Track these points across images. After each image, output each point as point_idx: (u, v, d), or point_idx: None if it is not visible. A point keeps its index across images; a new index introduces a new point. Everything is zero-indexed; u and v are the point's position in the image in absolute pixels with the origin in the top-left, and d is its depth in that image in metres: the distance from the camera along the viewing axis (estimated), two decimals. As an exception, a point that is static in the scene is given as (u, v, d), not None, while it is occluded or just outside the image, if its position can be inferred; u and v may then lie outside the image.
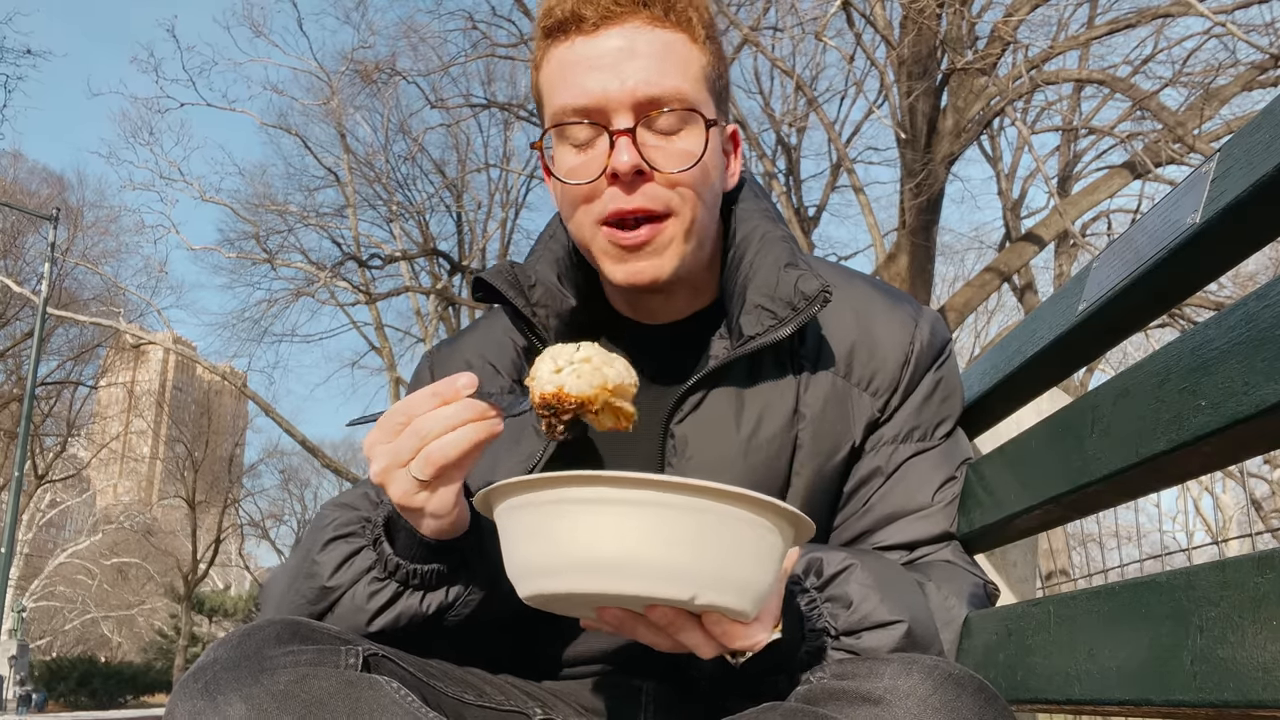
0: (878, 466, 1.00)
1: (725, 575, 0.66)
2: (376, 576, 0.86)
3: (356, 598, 0.86)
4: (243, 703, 0.67)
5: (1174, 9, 8.55)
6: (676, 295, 1.03)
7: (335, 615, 0.87)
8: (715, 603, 0.66)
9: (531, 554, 0.68)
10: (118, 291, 20.96)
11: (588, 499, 0.64)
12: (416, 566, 0.86)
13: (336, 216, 17.95)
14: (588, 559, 0.65)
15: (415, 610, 0.87)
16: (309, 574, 0.88)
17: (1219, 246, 0.76)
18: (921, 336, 1.02)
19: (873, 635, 0.81)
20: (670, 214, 0.93)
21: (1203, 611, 0.59)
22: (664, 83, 0.91)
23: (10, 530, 15.07)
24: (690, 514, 0.64)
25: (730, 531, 0.65)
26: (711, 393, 0.96)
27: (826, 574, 0.84)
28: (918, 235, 9.39)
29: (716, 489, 0.64)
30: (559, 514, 0.65)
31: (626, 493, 0.64)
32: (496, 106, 15.57)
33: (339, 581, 0.87)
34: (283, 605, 0.90)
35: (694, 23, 0.94)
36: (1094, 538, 20.38)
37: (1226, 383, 0.63)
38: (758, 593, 0.69)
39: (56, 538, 41.42)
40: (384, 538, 0.87)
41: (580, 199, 0.94)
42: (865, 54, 10.41)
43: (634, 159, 0.90)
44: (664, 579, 0.64)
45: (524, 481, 0.67)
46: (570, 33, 0.93)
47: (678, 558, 0.64)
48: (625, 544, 0.64)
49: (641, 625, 0.71)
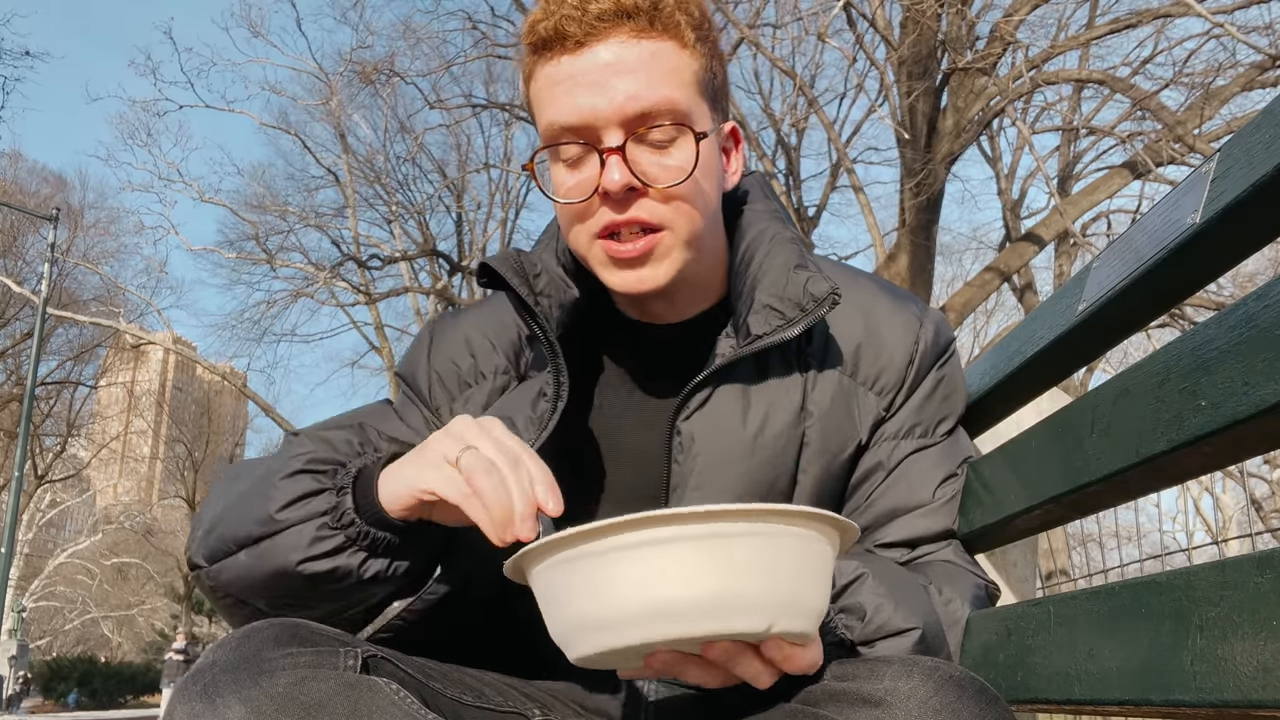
0: (879, 461, 1.00)
1: (796, 599, 0.63)
2: (329, 524, 0.86)
3: (302, 535, 0.86)
4: (241, 705, 0.67)
5: (1174, 10, 8.55)
6: (679, 299, 1.02)
7: (271, 543, 0.87)
8: (789, 629, 0.64)
9: (586, 611, 0.63)
10: (118, 291, 21.01)
11: (642, 543, 0.61)
12: (370, 529, 0.86)
13: (336, 217, 17.98)
14: (653, 606, 0.61)
15: (350, 569, 0.87)
16: (263, 495, 0.88)
17: (1219, 246, 0.76)
18: (926, 336, 1.02)
19: (887, 644, 0.81)
20: (664, 227, 0.92)
21: (1203, 611, 0.59)
22: (652, 96, 0.90)
23: (10, 530, 15.07)
24: (753, 539, 0.61)
25: (794, 552, 0.63)
26: (718, 390, 0.96)
27: (839, 585, 0.84)
28: (918, 235, 9.39)
29: (774, 509, 0.61)
30: (613, 563, 0.61)
31: (682, 529, 0.60)
32: (496, 106, 15.57)
33: (287, 517, 0.87)
34: (226, 515, 0.91)
35: (682, 27, 0.93)
36: (1094, 538, 20.39)
37: (1226, 383, 0.63)
38: (820, 611, 0.67)
39: (56, 538, 41.42)
40: (349, 489, 0.87)
41: (575, 217, 0.94)
42: (865, 54, 10.41)
43: (625, 178, 0.89)
44: (738, 612, 0.62)
45: (564, 538, 0.62)
46: (555, 50, 0.92)
47: (749, 588, 0.61)
48: (693, 583, 0.60)
49: (693, 665, 0.69)
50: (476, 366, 1.07)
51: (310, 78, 20.26)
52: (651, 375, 1.03)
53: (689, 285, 1.01)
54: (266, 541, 0.88)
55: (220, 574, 0.90)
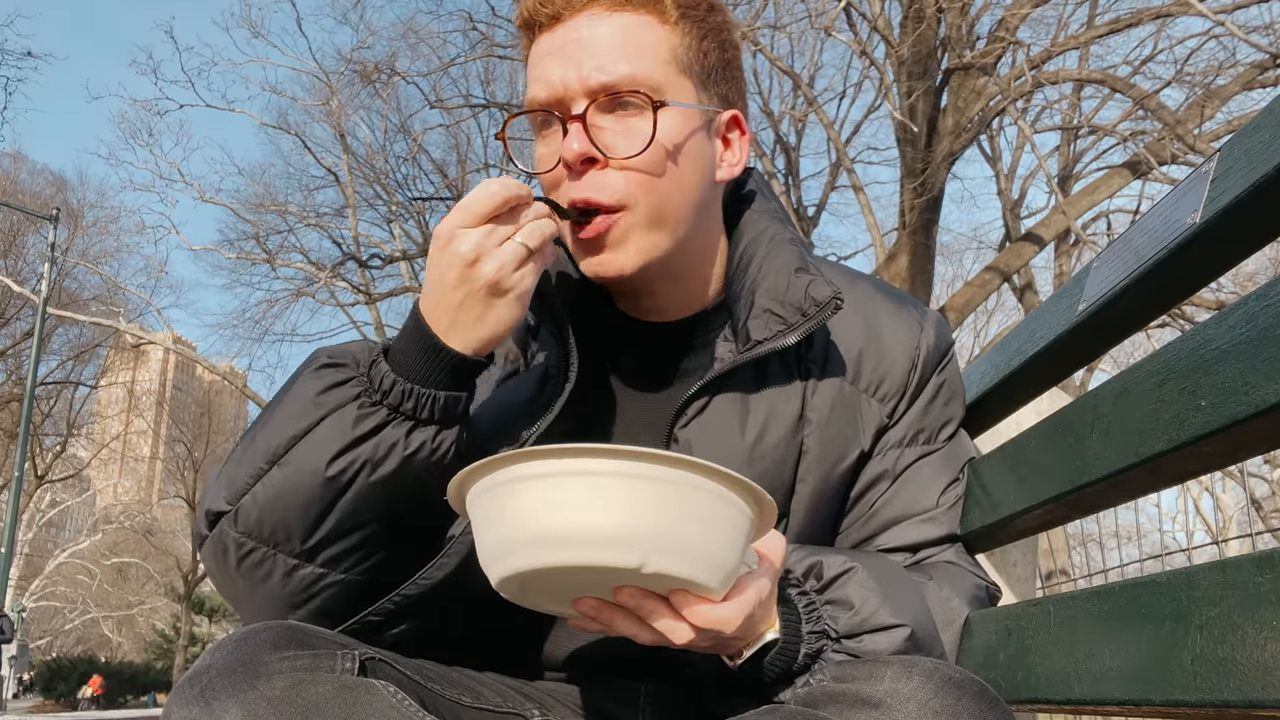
0: (884, 470, 0.99)
1: (676, 541, 0.65)
2: (367, 402, 0.85)
3: (342, 421, 0.84)
4: (238, 708, 0.67)
5: (1174, 9, 8.56)
6: (664, 293, 1.00)
7: (306, 441, 0.84)
8: (667, 570, 0.66)
9: (492, 537, 0.69)
10: (118, 291, 21.01)
11: (536, 474, 0.65)
12: (414, 386, 0.84)
13: (336, 216, 17.95)
14: (538, 532, 0.65)
15: (395, 444, 0.84)
16: (285, 402, 0.87)
17: (1219, 246, 0.76)
18: (927, 341, 1.02)
19: (874, 638, 0.80)
20: (624, 206, 0.91)
21: (1203, 611, 0.59)
22: (618, 68, 0.90)
23: (10, 530, 15.07)
24: (635, 481, 0.64)
25: (677, 497, 0.65)
26: (716, 398, 0.95)
27: (827, 577, 0.83)
28: (918, 235, 9.38)
29: (654, 454, 0.64)
30: (513, 493, 0.66)
31: (566, 463, 0.65)
32: (496, 106, 15.57)
33: (324, 401, 0.85)
34: (245, 447, 0.88)
35: (664, 3, 0.92)
36: (1094, 538, 20.38)
37: (1226, 383, 0.63)
38: (716, 562, 0.68)
39: (56, 538, 41.44)
40: (383, 359, 0.86)
41: (548, 189, 0.94)
42: (865, 54, 10.41)
43: (583, 146, 0.89)
44: (611, 546, 0.65)
45: (483, 465, 0.68)
46: (537, 29, 0.94)
47: (620, 522, 0.64)
48: (571, 513, 0.64)
49: (619, 616, 0.71)
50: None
51: (310, 78, 20.26)
52: (650, 376, 1.03)
53: (673, 279, 0.99)
54: (300, 444, 0.84)
55: (246, 510, 0.85)
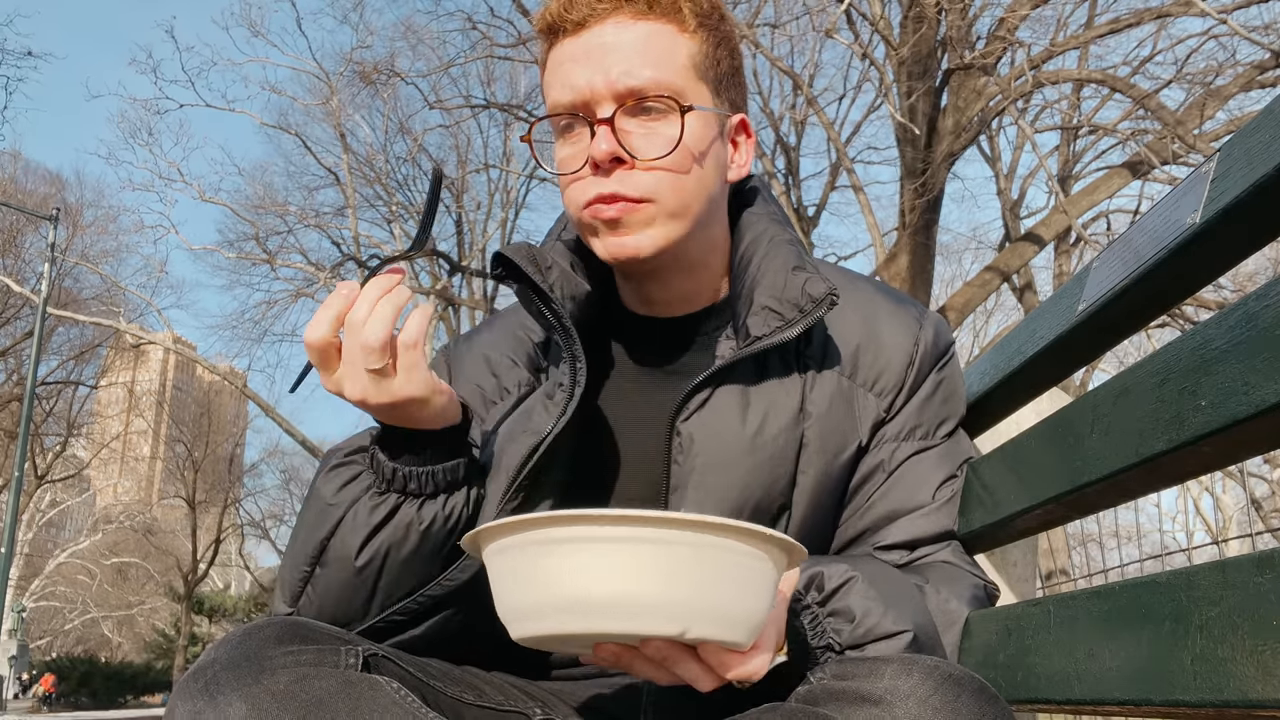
0: (880, 462, 1.00)
1: (715, 607, 0.65)
2: (376, 491, 0.92)
3: (358, 515, 0.92)
4: (243, 702, 0.67)
5: (1174, 8, 8.55)
6: (675, 283, 1.02)
7: (336, 541, 0.93)
8: (707, 635, 0.65)
9: (519, 597, 0.67)
10: (118, 291, 20.98)
11: (572, 538, 0.64)
12: (413, 469, 0.92)
13: (336, 217, 17.98)
14: (573, 599, 0.64)
15: (410, 522, 0.92)
16: (309, 505, 0.96)
17: (1219, 246, 0.76)
18: (926, 339, 1.03)
19: (877, 647, 0.81)
20: (650, 199, 0.94)
21: (1203, 611, 0.59)
22: (644, 73, 0.93)
23: (10, 530, 15.06)
24: (674, 548, 0.63)
25: (717, 563, 0.64)
26: (718, 391, 0.97)
27: (828, 589, 0.84)
28: (918, 235, 9.38)
29: (699, 520, 0.63)
30: (545, 554, 0.65)
31: (607, 530, 0.63)
32: (496, 107, 15.58)
33: (340, 499, 0.93)
34: (289, 550, 0.97)
35: (683, 11, 0.96)
36: (1094, 538, 20.39)
37: (1226, 383, 0.63)
38: (751, 622, 0.68)
39: (56, 538, 41.40)
40: (379, 452, 0.93)
41: (569, 187, 0.97)
42: (865, 54, 10.41)
43: (611, 147, 0.92)
44: (651, 615, 0.64)
45: (509, 524, 0.66)
46: (560, 34, 0.97)
47: (664, 593, 0.63)
48: (610, 582, 0.63)
49: (638, 660, 0.71)
50: (500, 384, 1.09)
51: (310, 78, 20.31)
52: (654, 374, 1.04)
53: (683, 270, 1.01)
54: (331, 543, 0.93)
55: (307, 609, 0.94)
